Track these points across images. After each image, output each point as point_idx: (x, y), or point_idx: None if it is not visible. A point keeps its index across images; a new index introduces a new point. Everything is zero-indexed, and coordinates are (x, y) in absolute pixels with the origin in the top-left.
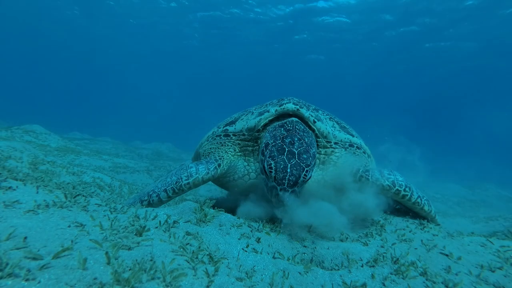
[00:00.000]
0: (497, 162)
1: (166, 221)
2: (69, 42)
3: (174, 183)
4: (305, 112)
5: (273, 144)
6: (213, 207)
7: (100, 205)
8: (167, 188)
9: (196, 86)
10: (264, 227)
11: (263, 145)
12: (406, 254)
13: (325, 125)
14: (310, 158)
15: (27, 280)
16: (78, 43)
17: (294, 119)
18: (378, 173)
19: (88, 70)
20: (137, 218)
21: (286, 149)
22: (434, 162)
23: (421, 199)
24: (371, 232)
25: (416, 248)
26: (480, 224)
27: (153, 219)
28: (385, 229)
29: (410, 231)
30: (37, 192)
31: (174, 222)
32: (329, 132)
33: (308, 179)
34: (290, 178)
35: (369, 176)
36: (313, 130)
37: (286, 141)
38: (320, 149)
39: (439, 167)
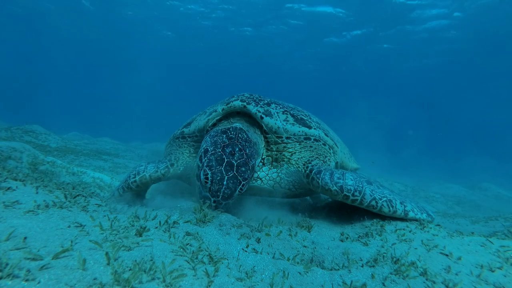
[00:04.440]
0: (497, 162)
1: (166, 221)
2: (69, 42)
3: (124, 181)
4: (252, 109)
5: (213, 152)
6: None
7: (100, 205)
8: (119, 186)
9: (197, 85)
10: (264, 227)
11: (202, 150)
12: (406, 254)
13: (275, 120)
14: (249, 172)
15: (27, 280)
16: (78, 43)
17: (238, 125)
18: (329, 176)
19: (88, 70)
20: (137, 219)
21: (225, 160)
22: (434, 161)
23: (376, 201)
24: (371, 232)
25: (416, 248)
26: (480, 224)
27: (153, 219)
28: (385, 229)
29: (410, 231)
30: (37, 193)
31: (174, 222)
32: (278, 127)
33: (244, 192)
34: (226, 191)
35: (319, 179)
36: (261, 127)
37: (227, 150)
38: (271, 145)
39: (439, 167)
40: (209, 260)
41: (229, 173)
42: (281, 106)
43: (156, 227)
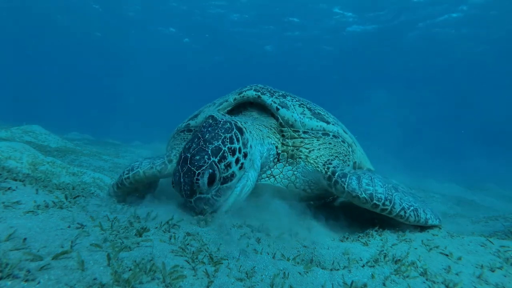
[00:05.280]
0: (497, 162)
1: (167, 222)
2: (69, 42)
3: (119, 177)
4: (266, 99)
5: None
6: None
7: (100, 205)
8: (114, 183)
9: (197, 85)
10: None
11: None
12: (406, 254)
13: (291, 112)
14: (206, 157)
15: (26, 280)
16: (78, 43)
17: (209, 113)
18: (356, 180)
19: (88, 70)
20: (137, 219)
21: (182, 157)
22: (434, 161)
23: (405, 211)
24: (371, 232)
25: (416, 248)
26: (480, 224)
27: (153, 219)
28: (385, 229)
29: (410, 231)
30: (37, 193)
31: (174, 222)
32: (295, 120)
33: (215, 180)
34: (185, 188)
35: (345, 183)
36: (277, 119)
37: (186, 147)
38: (287, 140)
39: (439, 167)
40: (209, 260)
41: (183, 168)
42: (297, 99)
43: (156, 227)
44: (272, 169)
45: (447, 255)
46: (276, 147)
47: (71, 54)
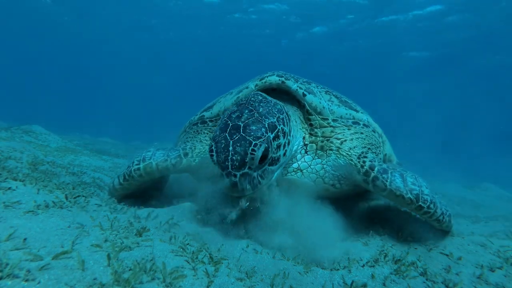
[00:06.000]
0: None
1: (167, 221)
2: (69, 42)
3: (126, 167)
4: (292, 85)
5: (219, 123)
6: None
7: (100, 205)
8: (120, 174)
9: (198, 84)
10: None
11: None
12: (406, 254)
13: (319, 98)
14: (263, 129)
15: (26, 280)
16: (78, 42)
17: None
18: (400, 178)
19: (88, 70)
20: (137, 218)
21: (230, 125)
22: (434, 161)
23: (443, 216)
24: (371, 232)
25: (416, 248)
26: (480, 224)
27: (153, 219)
28: (385, 229)
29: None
30: (37, 193)
31: (175, 222)
32: (324, 107)
33: (266, 158)
34: (233, 158)
35: (387, 180)
36: (303, 106)
37: (233, 116)
38: (315, 129)
39: (439, 167)
40: (209, 260)
41: (234, 136)
42: (321, 86)
43: (156, 227)
44: (299, 162)
45: (447, 255)
46: (303, 138)
47: (71, 54)
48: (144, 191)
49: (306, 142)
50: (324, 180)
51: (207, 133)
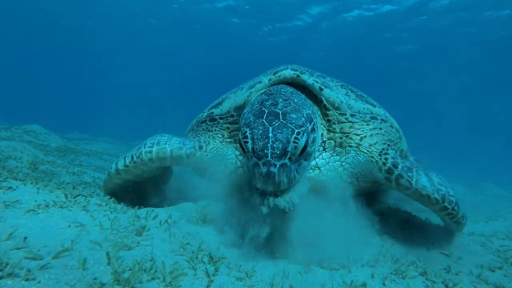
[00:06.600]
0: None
1: (167, 221)
2: (69, 42)
3: (136, 149)
4: (307, 79)
5: (249, 111)
6: None
7: (100, 205)
8: (127, 155)
9: (199, 84)
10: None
11: (241, 123)
12: (406, 254)
13: (336, 92)
14: (303, 119)
15: (27, 280)
16: (78, 42)
17: (281, 85)
18: (426, 177)
19: (88, 70)
20: (137, 218)
21: (266, 111)
22: (433, 160)
23: (463, 218)
24: (371, 232)
25: (416, 248)
26: (480, 224)
27: (153, 218)
28: (385, 228)
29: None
30: (37, 192)
31: (174, 222)
32: (341, 102)
33: (305, 150)
34: (274, 145)
35: (412, 179)
36: (320, 101)
37: (267, 103)
38: (333, 125)
39: (439, 166)
40: (209, 259)
41: (274, 123)
42: (336, 80)
43: (156, 227)
44: (317, 160)
45: (447, 255)
46: (322, 135)
47: (71, 53)
48: (143, 189)
49: (324, 139)
50: (342, 178)
51: (219, 130)
